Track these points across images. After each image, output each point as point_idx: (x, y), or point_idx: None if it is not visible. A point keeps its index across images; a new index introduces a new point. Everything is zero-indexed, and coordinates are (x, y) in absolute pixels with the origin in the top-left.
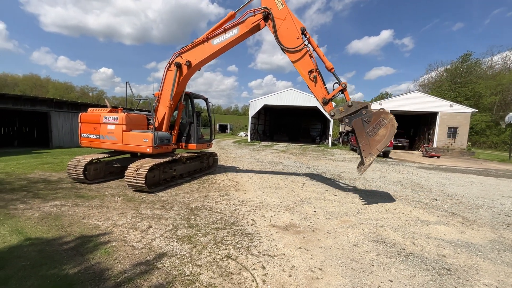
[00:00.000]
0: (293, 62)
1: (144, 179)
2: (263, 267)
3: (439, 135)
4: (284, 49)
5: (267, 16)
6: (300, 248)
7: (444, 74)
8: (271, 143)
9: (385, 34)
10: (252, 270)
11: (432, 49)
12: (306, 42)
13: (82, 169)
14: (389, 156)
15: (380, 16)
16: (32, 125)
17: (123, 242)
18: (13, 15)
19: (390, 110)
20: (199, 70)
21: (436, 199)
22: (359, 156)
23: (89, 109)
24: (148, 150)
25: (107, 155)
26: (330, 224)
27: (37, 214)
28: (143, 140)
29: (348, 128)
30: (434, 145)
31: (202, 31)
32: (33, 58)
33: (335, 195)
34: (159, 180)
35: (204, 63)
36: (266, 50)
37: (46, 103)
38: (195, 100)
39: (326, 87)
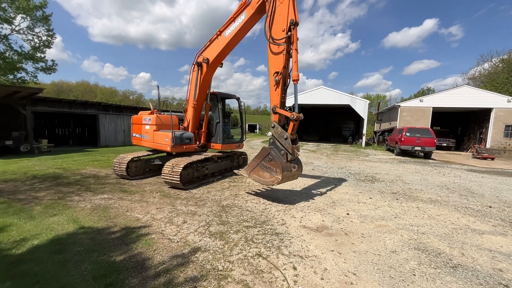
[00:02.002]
0: (268, 55)
1: (179, 176)
2: (294, 268)
3: (493, 134)
4: (267, 35)
5: None
6: (332, 251)
7: (500, 65)
8: (300, 143)
9: (429, 24)
10: (283, 270)
11: (486, 37)
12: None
13: (125, 166)
14: (431, 157)
15: (423, 4)
16: (83, 126)
17: (161, 235)
18: (67, 28)
19: (433, 107)
20: (221, 67)
21: (490, 206)
22: (396, 157)
23: (140, 112)
24: (168, 148)
25: (147, 154)
26: (364, 228)
27: (89, 205)
28: (165, 139)
29: (384, 127)
30: (487, 146)
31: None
32: (83, 66)
33: (370, 198)
34: (192, 178)
35: (221, 58)
36: None
37: (95, 106)
38: (226, 100)
39: (284, 97)
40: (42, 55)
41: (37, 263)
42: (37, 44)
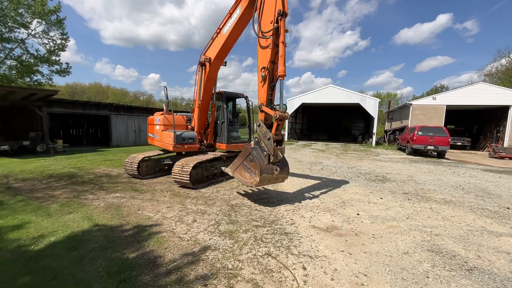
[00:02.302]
0: (258, 49)
1: (189, 176)
2: (304, 268)
3: (511, 133)
4: (255, 29)
5: None
6: (342, 251)
7: None
8: (309, 142)
9: (442, 19)
10: (292, 269)
11: (503, 32)
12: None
13: (136, 166)
14: (445, 157)
15: None
16: (96, 127)
17: (171, 233)
18: (80, 31)
19: (447, 105)
20: (224, 65)
21: (508, 208)
22: (408, 156)
23: (155, 113)
24: (171, 148)
25: (157, 154)
26: (375, 229)
27: (102, 204)
28: (168, 139)
29: (394, 126)
30: (505, 145)
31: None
32: (96, 68)
33: (381, 198)
34: (201, 177)
35: (222, 56)
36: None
37: (107, 107)
38: (237, 100)
39: (271, 94)
40: (57, 58)
41: (54, 259)
42: (52, 48)
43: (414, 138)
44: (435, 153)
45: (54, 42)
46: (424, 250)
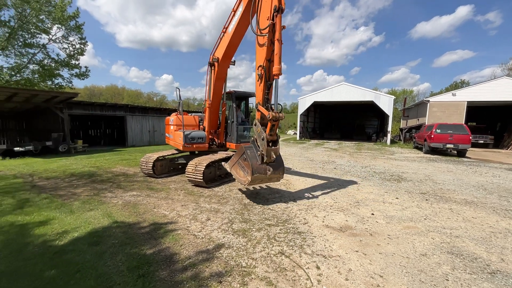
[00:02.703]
0: (256, 48)
1: (202, 175)
2: (318, 267)
3: None
4: (253, 28)
5: None
6: (357, 251)
7: None
8: (321, 141)
9: (462, 11)
10: (306, 268)
11: None
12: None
13: (151, 165)
14: (466, 155)
15: None
16: (113, 127)
17: (186, 231)
18: (97, 35)
19: (468, 101)
20: (233, 65)
21: None
22: (425, 155)
23: (172, 114)
24: (181, 147)
25: (171, 153)
26: (391, 229)
27: (120, 201)
28: (179, 138)
29: (410, 124)
30: None
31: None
32: (112, 71)
33: (396, 198)
34: (214, 176)
35: (229, 55)
36: (316, 44)
37: (123, 108)
38: (250, 99)
39: (268, 93)
40: (76, 62)
41: (78, 253)
42: (71, 52)
43: (432, 136)
44: (455, 152)
45: (74, 46)
46: (443, 252)
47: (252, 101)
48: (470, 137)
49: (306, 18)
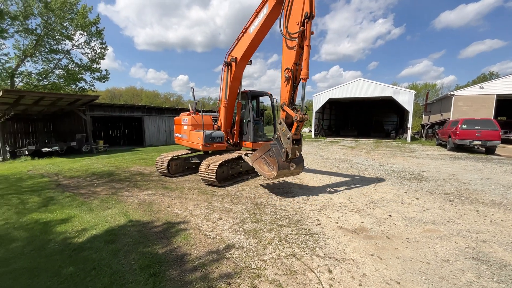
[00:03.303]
0: (283, 50)
1: (215, 174)
2: (330, 271)
3: None
4: (282, 30)
5: None
6: (372, 255)
7: None
8: (337, 138)
9: None
10: (317, 272)
11: None
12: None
13: (166, 165)
14: (495, 152)
15: None
16: (131, 128)
17: (198, 230)
18: (116, 39)
19: (497, 95)
20: (249, 65)
21: None
22: (449, 153)
23: (181, 114)
24: (200, 147)
25: (185, 153)
26: (410, 232)
27: (136, 200)
28: (197, 138)
29: (433, 119)
30: None
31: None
32: (131, 73)
33: (416, 199)
34: (227, 176)
35: (248, 55)
36: (331, 39)
37: (140, 109)
38: (260, 98)
39: (293, 94)
40: (98, 66)
41: (94, 251)
42: (93, 57)
43: (457, 132)
44: (483, 149)
45: (95, 51)
46: (468, 258)
47: (262, 99)
48: (500, 133)
49: (321, 13)
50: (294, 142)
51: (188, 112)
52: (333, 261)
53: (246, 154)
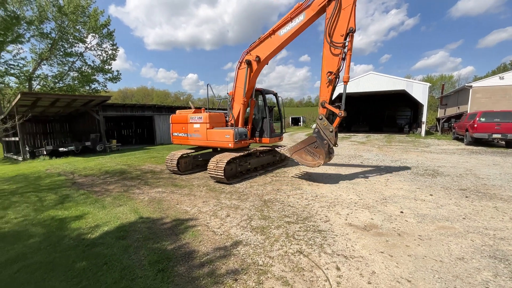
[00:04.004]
0: (324, 55)
1: (223, 171)
2: (338, 268)
3: None
4: (327, 38)
5: None
6: (382, 252)
7: None
8: (348, 134)
9: None
10: (325, 269)
11: None
12: (346, 43)
13: (176, 162)
14: None
15: None
16: (143, 127)
17: (206, 227)
18: (127, 40)
19: None
20: (267, 64)
21: None
22: (467, 147)
23: (177, 111)
24: (230, 145)
25: (193, 151)
26: (422, 229)
27: (146, 198)
28: (225, 136)
29: (449, 113)
30: None
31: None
32: (142, 73)
33: (430, 195)
34: (235, 173)
35: (272, 56)
36: None
37: (151, 108)
38: (267, 95)
39: (333, 94)
40: (109, 67)
41: (106, 246)
42: (105, 58)
43: (475, 125)
44: (503, 143)
45: (106, 53)
46: (484, 256)
47: (269, 97)
48: None
49: None
50: (336, 134)
51: (192, 110)
52: (341, 258)
53: (255, 152)
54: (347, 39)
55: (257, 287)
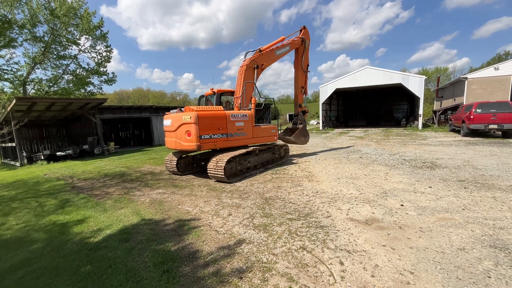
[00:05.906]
0: (297, 76)
1: (223, 170)
2: (341, 263)
3: None
4: (303, 68)
5: (303, 41)
6: (384, 246)
7: None
8: (346, 129)
9: None
10: (329, 264)
11: None
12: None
13: (175, 163)
14: None
15: None
16: (140, 128)
17: (208, 227)
18: (120, 41)
19: None
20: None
21: None
22: (464, 138)
23: (177, 110)
24: (275, 139)
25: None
26: (423, 221)
27: (147, 199)
28: (271, 131)
29: (445, 105)
30: None
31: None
32: (137, 74)
33: (429, 187)
34: (236, 171)
35: (270, 64)
36: (336, 28)
37: (148, 110)
38: (264, 92)
39: (303, 99)
40: (104, 69)
41: (110, 249)
42: (99, 60)
43: (471, 117)
44: (499, 133)
45: (101, 55)
46: (485, 246)
47: (267, 93)
48: None
49: (324, 0)
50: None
51: (195, 107)
52: (345, 253)
53: (254, 150)
54: (308, 70)
55: (262, 285)
